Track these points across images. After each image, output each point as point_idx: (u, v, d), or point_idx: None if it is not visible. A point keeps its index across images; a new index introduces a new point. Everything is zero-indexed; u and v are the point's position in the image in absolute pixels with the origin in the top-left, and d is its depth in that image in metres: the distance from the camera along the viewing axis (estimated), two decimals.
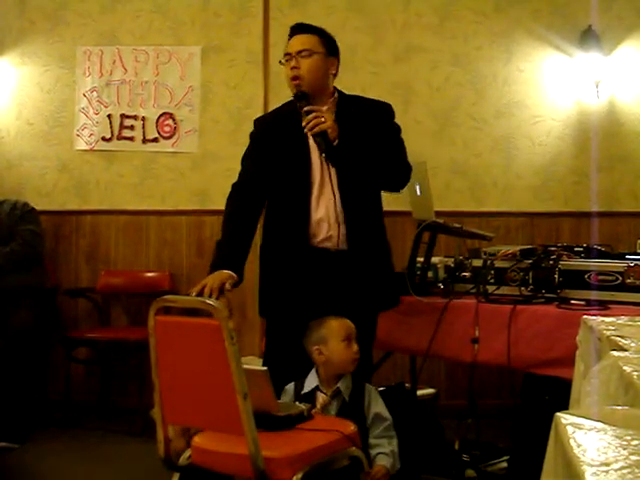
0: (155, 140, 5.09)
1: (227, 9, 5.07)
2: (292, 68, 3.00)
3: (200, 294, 2.68)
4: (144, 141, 5.09)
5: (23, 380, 4.48)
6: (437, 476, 3.34)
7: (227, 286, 2.75)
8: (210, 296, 2.67)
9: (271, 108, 4.94)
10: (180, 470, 2.51)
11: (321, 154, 2.94)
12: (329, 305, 2.96)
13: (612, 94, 4.91)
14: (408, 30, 5.00)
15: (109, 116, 5.09)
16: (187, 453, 2.51)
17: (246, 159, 3.16)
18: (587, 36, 4.81)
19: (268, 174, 3.06)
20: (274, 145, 3.07)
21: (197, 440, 2.48)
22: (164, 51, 5.08)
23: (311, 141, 3.00)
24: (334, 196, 2.97)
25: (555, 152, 4.95)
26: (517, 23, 4.96)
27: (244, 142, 5.00)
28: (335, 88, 3.14)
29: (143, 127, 5.09)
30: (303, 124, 2.91)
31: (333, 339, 2.77)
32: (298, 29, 3.07)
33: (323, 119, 2.88)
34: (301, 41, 3.03)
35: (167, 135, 5.08)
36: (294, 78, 2.99)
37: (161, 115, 5.08)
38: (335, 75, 3.12)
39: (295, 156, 3.03)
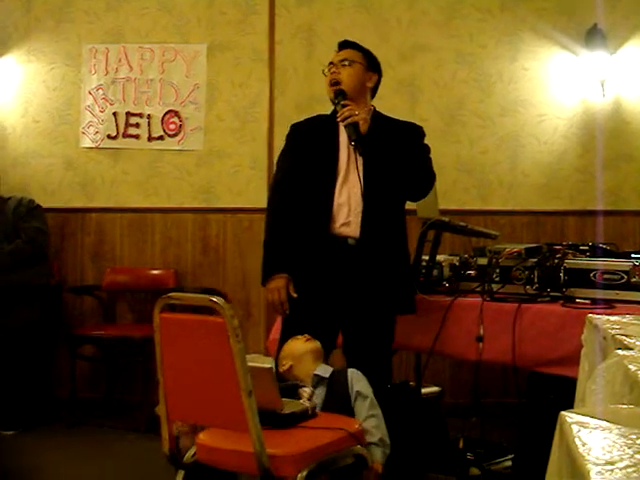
0: (160, 138, 5.09)
1: (233, 7, 5.07)
2: (332, 73, 3.15)
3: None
4: (149, 139, 5.10)
5: (26, 375, 4.50)
6: (441, 474, 3.34)
7: (292, 293, 3.02)
8: (283, 305, 3.03)
9: (276, 106, 5.00)
10: (185, 467, 2.52)
11: (351, 142, 3.04)
12: (343, 300, 3.04)
13: (618, 93, 4.90)
14: (414, 28, 4.99)
15: (115, 114, 5.10)
16: (192, 450, 2.51)
17: (282, 158, 3.28)
18: (593, 34, 4.80)
19: (301, 168, 3.16)
20: (307, 143, 3.19)
21: (202, 437, 2.48)
22: (170, 49, 5.08)
23: (341, 137, 3.11)
24: (359, 184, 3.05)
25: (561, 150, 4.95)
26: (522, 21, 4.95)
27: (249, 140, 5.07)
28: (372, 105, 3.24)
29: (149, 125, 5.10)
30: (337, 114, 3.05)
31: (285, 346, 2.85)
32: (345, 44, 3.24)
33: (357, 112, 3.02)
34: (345, 53, 3.20)
35: (172, 133, 5.09)
36: (333, 81, 3.14)
37: (166, 113, 5.08)
38: (373, 91, 3.26)
39: (324, 148, 3.14)
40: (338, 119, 3.06)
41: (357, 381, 2.75)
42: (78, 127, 5.12)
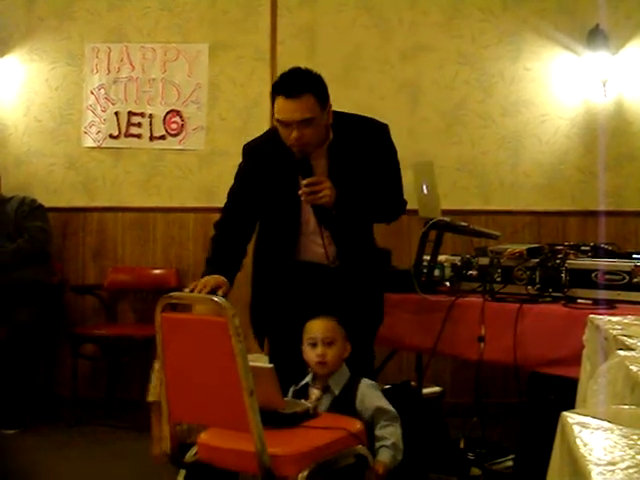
0: (162, 137, 5.10)
1: (234, 6, 5.07)
2: (297, 138, 2.78)
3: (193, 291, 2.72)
4: (151, 138, 5.10)
5: (28, 374, 4.51)
6: (442, 474, 3.34)
7: (220, 292, 2.68)
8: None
9: None
10: (186, 467, 2.52)
11: (315, 216, 2.93)
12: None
13: (619, 93, 4.90)
14: (415, 29, 4.99)
15: (116, 113, 5.10)
16: (194, 450, 2.51)
17: (233, 193, 3.13)
18: (595, 35, 4.79)
19: (256, 208, 3.05)
20: (264, 179, 3.03)
21: (203, 437, 2.48)
22: (172, 48, 5.09)
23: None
24: (324, 251, 2.96)
25: (562, 151, 4.94)
26: (524, 22, 4.95)
27: (251, 139, 5.05)
28: (330, 128, 2.93)
29: (150, 124, 5.10)
30: (300, 193, 2.83)
31: (304, 341, 2.80)
32: (290, 92, 2.75)
33: (321, 194, 2.81)
34: (299, 108, 2.74)
35: (174, 132, 5.09)
36: (299, 145, 2.81)
37: (168, 112, 5.09)
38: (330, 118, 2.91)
39: (284, 196, 2.97)
40: (301, 198, 2.85)
41: (373, 397, 2.73)
42: (80, 126, 5.13)
